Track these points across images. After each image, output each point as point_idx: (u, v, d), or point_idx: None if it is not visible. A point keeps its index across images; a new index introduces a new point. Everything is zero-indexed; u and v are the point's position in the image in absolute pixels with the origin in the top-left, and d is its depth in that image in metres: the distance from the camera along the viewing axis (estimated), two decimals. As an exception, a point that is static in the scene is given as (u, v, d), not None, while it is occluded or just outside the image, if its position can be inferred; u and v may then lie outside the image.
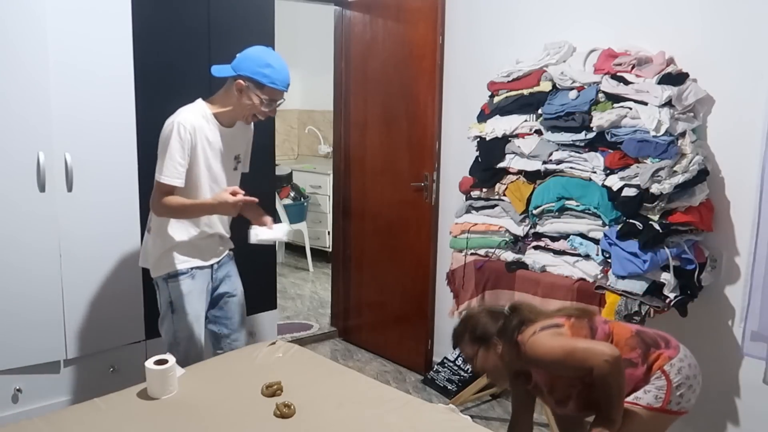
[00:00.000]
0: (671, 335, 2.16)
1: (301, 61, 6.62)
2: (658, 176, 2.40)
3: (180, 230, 2.48)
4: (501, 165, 2.93)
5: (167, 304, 2.51)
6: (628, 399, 2.00)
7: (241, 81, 2.35)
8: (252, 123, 2.60)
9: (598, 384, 1.90)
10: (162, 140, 2.37)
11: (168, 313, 2.52)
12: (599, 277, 2.56)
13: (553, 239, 2.75)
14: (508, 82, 2.97)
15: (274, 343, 2.55)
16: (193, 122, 2.37)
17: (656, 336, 2.11)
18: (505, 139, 2.93)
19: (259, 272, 3.59)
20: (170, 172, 2.33)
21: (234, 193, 2.33)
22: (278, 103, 2.43)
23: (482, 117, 3.08)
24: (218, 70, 2.41)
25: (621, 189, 2.46)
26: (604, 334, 2.05)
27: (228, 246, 2.71)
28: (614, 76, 2.61)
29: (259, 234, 2.47)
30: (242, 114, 2.44)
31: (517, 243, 2.90)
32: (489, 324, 2.09)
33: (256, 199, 2.40)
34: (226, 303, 2.69)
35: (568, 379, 2.03)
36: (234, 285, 2.72)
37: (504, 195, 2.94)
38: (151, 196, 2.42)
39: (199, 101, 2.45)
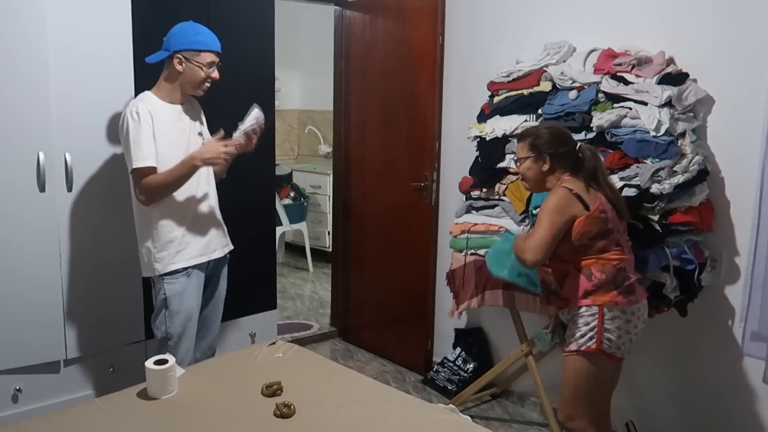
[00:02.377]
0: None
1: (301, 61, 6.62)
2: (658, 176, 2.40)
3: (167, 210, 2.48)
4: (501, 165, 2.93)
5: (162, 302, 2.53)
6: (570, 348, 2.23)
7: (178, 56, 2.45)
8: (198, 101, 2.68)
9: None
10: (121, 133, 2.44)
11: (162, 310, 2.53)
12: (599, 277, 2.56)
13: (553, 239, 2.75)
14: (508, 82, 2.97)
15: (274, 343, 2.55)
16: (145, 106, 2.43)
17: (629, 280, 2.22)
18: (505, 139, 2.92)
19: (259, 272, 3.59)
20: (139, 155, 2.38)
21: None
22: (217, 63, 2.52)
23: (482, 117, 3.08)
24: (152, 57, 2.49)
25: (621, 189, 2.46)
26: (613, 243, 2.23)
27: (226, 243, 2.73)
28: (614, 76, 2.61)
29: (245, 122, 2.52)
30: (191, 85, 2.51)
31: (517, 243, 2.90)
32: (552, 143, 2.29)
33: (242, 141, 2.48)
34: (205, 303, 2.71)
35: None
36: (219, 287, 2.75)
37: (504, 195, 2.94)
38: (132, 191, 2.46)
39: (145, 92, 2.52)
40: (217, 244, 2.67)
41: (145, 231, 2.52)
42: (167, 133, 2.45)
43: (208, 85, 2.54)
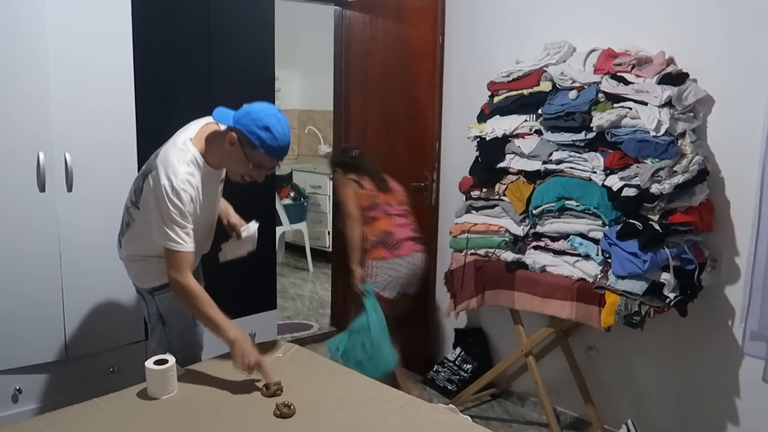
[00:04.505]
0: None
1: (301, 61, 6.63)
2: (658, 176, 2.40)
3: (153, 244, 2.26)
4: (501, 165, 2.93)
5: (156, 316, 2.40)
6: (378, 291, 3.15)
7: (234, 134, 2.11)
8: None
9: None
10: (161, 203, 2.11)
11: (158, 325, 2.41)
12: (599, 277, 2.56)
13: (553, 239, 2.75)
14: (508, 82, 2.97)
15: (274, 343, 2.55)
16: (193, 182, 2.15)
17: (395, 240, 3.18)
18: (505, 139, 2.93)
19: (259, 272, 3.59)
20: (183, 239, 2.14)
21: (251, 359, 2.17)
22: (267, 170, 2.21)
23: (482, 117, 3.08)
24: (221, 115, 2.17)
25: (621, 189, 2.46)
26: (382, 213, 3.20)
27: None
28: (614, 76, 2.61)
29: (227, 254, 2.55)
30: (230, 170, 2.25)
31: (517, 243, 2.90)
32: (338, 156, 3.38)
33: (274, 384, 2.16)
34: None
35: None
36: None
37: (504, 195, 2.94)
38: (168, 262, 2.17)
39: (189, 145, 2.18)
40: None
41: (128, 243, 2.39)
42: (203, 203, 2.23)
43: (247, 179, 2.22)
